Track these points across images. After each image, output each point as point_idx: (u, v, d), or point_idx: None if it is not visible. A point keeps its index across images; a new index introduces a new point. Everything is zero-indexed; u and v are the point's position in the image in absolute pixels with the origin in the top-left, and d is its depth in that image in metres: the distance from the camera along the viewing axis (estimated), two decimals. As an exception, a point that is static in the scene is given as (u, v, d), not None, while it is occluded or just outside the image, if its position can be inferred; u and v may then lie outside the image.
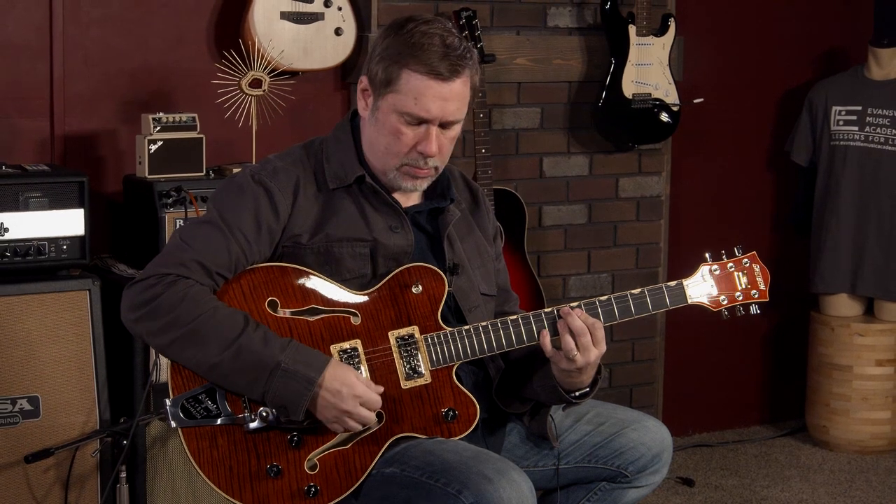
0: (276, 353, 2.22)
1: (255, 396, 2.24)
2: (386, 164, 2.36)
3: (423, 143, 2.32)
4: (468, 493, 2.16)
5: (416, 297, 2.34)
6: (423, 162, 2.34)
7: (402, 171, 2.36)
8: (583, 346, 2.31)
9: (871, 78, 4.32)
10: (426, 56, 2.28)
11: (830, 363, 4.36)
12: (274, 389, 2.22)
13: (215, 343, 2.22)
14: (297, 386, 2.21)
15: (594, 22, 4.04)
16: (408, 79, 2.29)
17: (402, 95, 2.30)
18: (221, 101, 3.38)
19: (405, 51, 2.29)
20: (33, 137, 3.43)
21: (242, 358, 2.21)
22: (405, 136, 2.32)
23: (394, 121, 2.32)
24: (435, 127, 2.32)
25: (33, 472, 3.05)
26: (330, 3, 3.55)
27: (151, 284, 2.25)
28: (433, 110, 2.30)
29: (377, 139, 2.36)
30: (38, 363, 3.07)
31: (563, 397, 2.38)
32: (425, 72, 2.28)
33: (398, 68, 2.30)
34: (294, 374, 2.21)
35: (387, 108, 2.32)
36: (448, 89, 2.30)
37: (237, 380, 2.24)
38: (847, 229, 4.33)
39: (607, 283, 4.21)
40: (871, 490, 4.05)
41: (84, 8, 3.46)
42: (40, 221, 3.09)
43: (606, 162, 4.16)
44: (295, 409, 2.22)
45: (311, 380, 2.22)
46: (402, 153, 2.34)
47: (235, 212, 2.31)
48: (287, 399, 2.22)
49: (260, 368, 2.21)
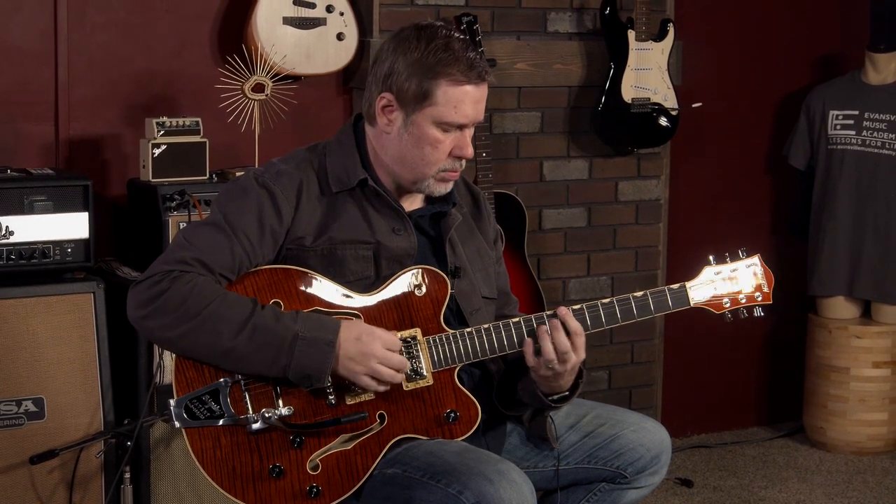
0: (291, 325, 2.23)
1: (275, 372, 2.25)
2: (422, 174, 2.39)
3: (462, 147, 2.37)
4: (469, 494, 2.17)
5: (419, 300, 2.35)
6: (459, 164, 2.40)
7: (437, 177, 2.39)
8: (562, 359, 2.33)
9: (867, 82, 4.33)
10: (458, 66, 2.33)
11: (828, 365, 4.37)
12: (296, 360, 2.22)
13: (227, 328, 2.23)
14: (318, 351, 2.23)
15: (594, 27, 4.05)
16: (446, 90, 2.33)
17: (442, 106, 2.34)
18: (225, 106, 3.39)
19: (436, 65, 2.33)
20: (38, 141, 3.44)
21: (258, 337, 2.23)
22: (443, 143, 2.36)
23: (433, 132, 2.35)
24: (470, 130, 2.39)
25: (38, 472, 3.06)
26: (332, 8, 3.56)
27: (157, 281, 2.26)
28: (471, 114, 2.37)
29: (412, 152, 2.38)
30: (43, 365, 3.07)
31: (542, 401, 2.40)
32: (463, 81, 2.33)
33: (433, 82, 2.33)
34: (313, 340, 2.22)
35: (424, 121, 2.35)
36: (480, 92, 2.37)
37: (256, 360, 2.24)
38: (844, 232, 4.33)
39: (607, 286, 4.21)
40: (868, 491, 4.05)
41: (89, 13, 3.47)
42: (45, 225, 3.10)
43: (606, 166, 4.17)
44: (319, 376, 2.23)
45: (331, 342, 2.23)
46: (441, 160, 2.37)
47: (239, 214, 2.32)
48: (311, 366, 2.23)
49: (278, 343, 2.22)
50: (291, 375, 2.24)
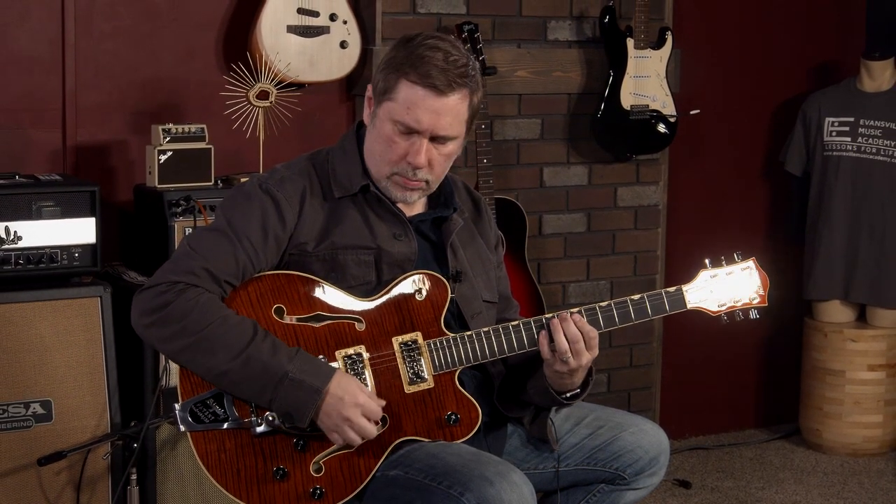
0: (284, 363, 2.23)
1: (262, 403, 2.26)
2: (380, 172, 2.39)
3: (412, 153, 2.34)
4: (470, 496, 2.18)
5: (420, 304, 2.36)
6: (412, 173, 2.35)
7: (393, 179, 2.38)
8: (576, 351, 2.34)
9: (863, 90, 4.33)
10: (424, 68, 2.30)
11: (823, 368, 4.38)
12: (281, 398, 2.23)
13: (224, 352, 2.24)
14: (304, 395, 2.23)
15: (593, 35, 4.05)
16: (403, 88, 2.31)
17: (397, 104, 2.32)
18: (230, 113, 3.40)
19: (406, 61, 2.31)
20: (46, 148, 3.45)
21: (251, 367, 2.23)
22: (397, 145, 2.34)
23: (388, 129, 2.34)
24: (425, 139, 2.33)
25: (46, 474, 3.07)
26: (335, 16, 3.57)
27: (162, 291, 2.27)
28: (424, 122, 2.31)
29: (373, 146, 2.38)
30: (51, 368, 3.08)
31: (554, 398, 2.40)
32: (420, 82, 2.30)
33: (396, 77, 2.32)
34: (300, 383, 2.23)
35: (383, 115, 2.35)
36: (442, 103, 2.31)
37: (245, 387, 2.26)
38: (840, 237, 4.34)
39: (606, 290, 4.22)
40: (864, 492, 4.07)
41: (96, 21, 3.47)
42: (53, 230, 3.11)
43: (605, 172, 4.17)
44: (301, 417, 2.24)
45: (317, 389, 2.23)
46: (393, 162, 2.35)
47: (243, 220, 2.33)
48: (293, 407, 2.24)
49: (268, 377, 2.23)
50: (275, 410, 2.26)
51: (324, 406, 2.25)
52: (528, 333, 2.38)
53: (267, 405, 2.26)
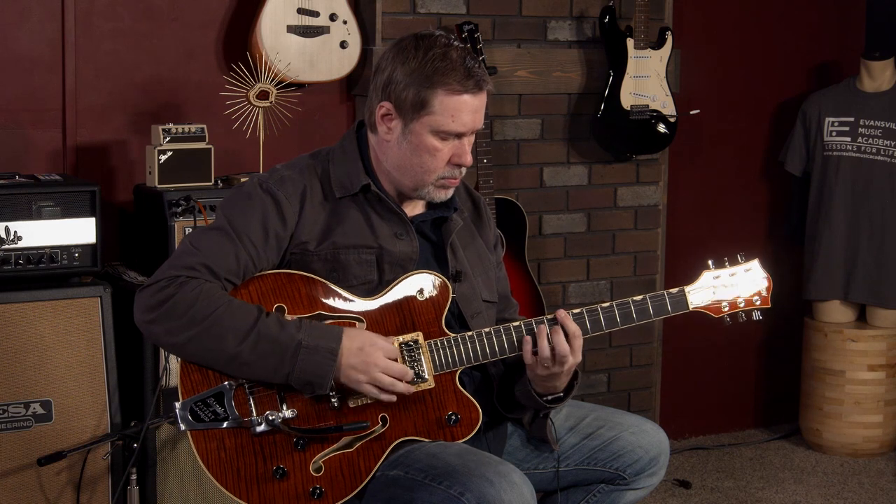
0: (295, 334, 2.25)
1: (278, 380, 2.26)
2: (422, 182, 2.40)
3: (461, 154, 2.38)
4: (470, 496, 2.19)
5: (421, 304, 2.37)
6: (459, 172, 2.41)
7: (437, 184, 2.40)
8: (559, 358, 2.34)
9: (863, 90, 4.34)
10: (455, 76, 2.33)
11: (824, 368, 4.38)
12: (299, 368, 2.24)
13: (232, 335, 2.24)
14: (321, 359, 2.24)
15: (593, 35, 4.05)
16: (442, 99, 2.34)
17: (438, 115, 2.34)
18: (230, 113, 3.40)
19: (433, 74, 2.33)
20: (46, 148, 3.45)
21: (262, 345, 2.24)
22: (441, 151, 2.37)
23: (430, 141, 2.36)
24: (468, 137, 2.39)
25: (46, 474, 3.07)
26: (335, 16, 3.58)
27: (163, 287, 2.28)
28: (469, 123, 2.37)
29: (411, 160, 2.39)
30: (51, 368, 3.08)
31: (537, 402, 2.41)
32: (459, 91, 2.34)
33: (430, 92, 2.34)
34: (315, 348, 2.24)
35: (421, 129, 2.36)
36: (479, 101, 2.37)
37: (260, 367, 2.26)
38: (840, 237, 4.34)
39: (606, 290, 4.22)
40: (864, 491, 4.07)
41: (96, 22, 3.48)
42: (53, 230, 3.11)
43: (605, 172, 4.17)
44: (322, 383, 2.25)
45: (333, 350, 2.25)
46: (440, 168, 2.38)
47: (243, 219, 2.34)
48: (313, 374, 2.24)
49: (281, 351, 2.24)
50: (294, 382, 2.26)
51: (343, 361, 2.26)
52: (529, 334, 2.38)
53: (284, 379, 2.26)
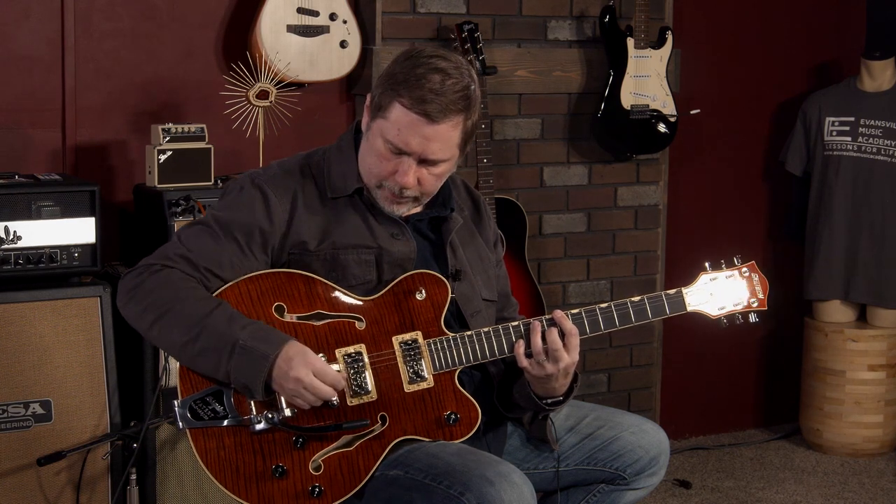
0: (236, 332, 2.23)
1: (220, 377, 2.26)
2: (369, 182, 2.40)
3: (399, 173, 2.33)
4: (470, 496, 2.19)
5: (420, 303, 2.37)
6: (399, 191, 2.36)
7: (381, 191, 2.38)
8: (553, 356, 2.34)
9: (863, 90, 4.34)
10: (419, 92, 2.28)
11: (824, 368, 4.38)
12: (235, 369, 2.23)
13: (185, 324, 2.25)
14: (253, 362, 2.22)
15: (593, 35, 4.06)
16: (396, 109, 2.30)
17: (389, 123, 2.31)
18: (229, 112, 3.41)
19: (402, 82, 2.30)
20: (46, 148, 3.46)
21: (205, 338, 2.24)
22: (387, 161, 2.34)
23: (379, 145, 2.34)
24: (414, 161, 2.33)
25: (45, 474, 3.08)
26: (335, 16, 3.58)
27: (138, 273, 2.32)
28: (413, 145, 2.31)
29: (365, 155, 2.39)
30: (51, 368, 3.09)
31: (536, 404, 2.41)
32: (412, 108, 2.28)
33: (390, 97, 2.31)
34: (251, 350, 2.22)
35: (376, 130, 2.34)
36: (432, 130, 2.29)
37: (202, 362, 2.26)
38: (840, 237, 4.35)
39: (606, 290, 4.23)
40: (864, 491, 4.07)
41: (96, 21, 3.48)
42: (52, 230, 3.12)
43: (605, 172, 4.18)
44: (254, 386, 2.23)
45: (266, 355, 2.22)
46: (382, 177, 2.36)
47: (229, 212, 2.35)
48: (247, 376, 2.23)
49: (221, 347, 2.23)
50: (234, 384, 2.26)
51: (276, 371, 2.23)
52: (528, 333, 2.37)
53: (225, 378, 2.25)
